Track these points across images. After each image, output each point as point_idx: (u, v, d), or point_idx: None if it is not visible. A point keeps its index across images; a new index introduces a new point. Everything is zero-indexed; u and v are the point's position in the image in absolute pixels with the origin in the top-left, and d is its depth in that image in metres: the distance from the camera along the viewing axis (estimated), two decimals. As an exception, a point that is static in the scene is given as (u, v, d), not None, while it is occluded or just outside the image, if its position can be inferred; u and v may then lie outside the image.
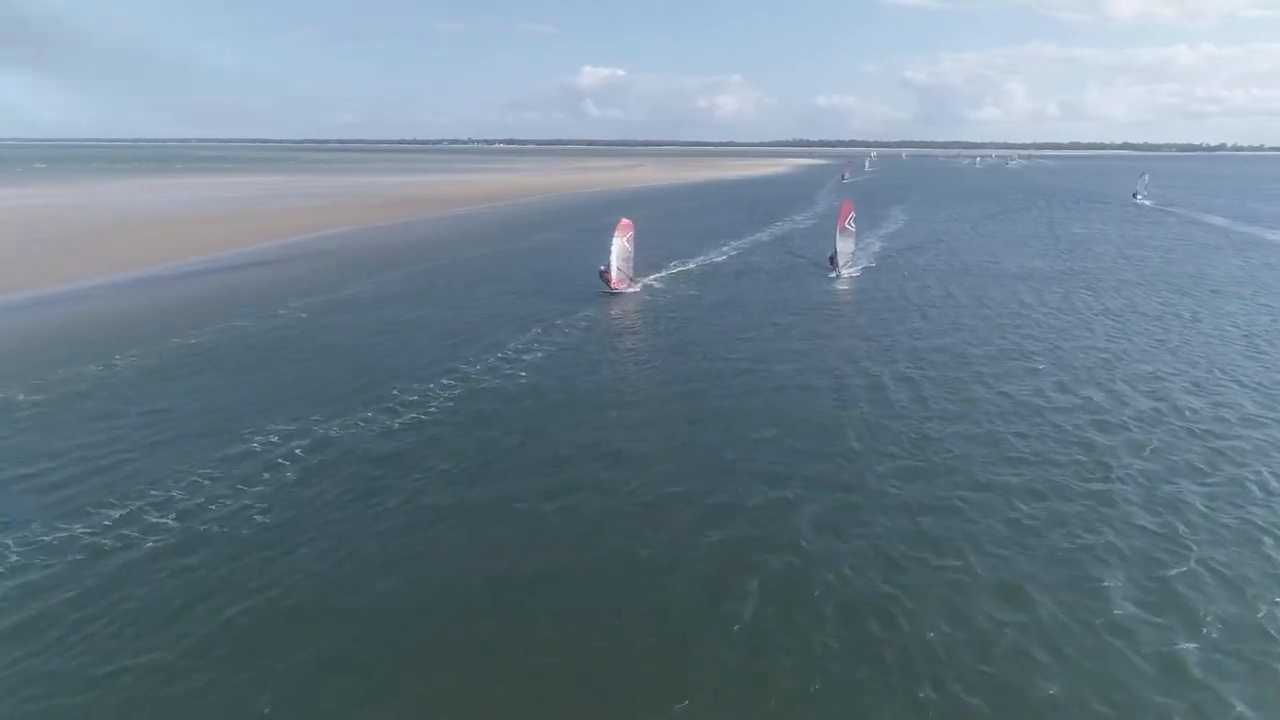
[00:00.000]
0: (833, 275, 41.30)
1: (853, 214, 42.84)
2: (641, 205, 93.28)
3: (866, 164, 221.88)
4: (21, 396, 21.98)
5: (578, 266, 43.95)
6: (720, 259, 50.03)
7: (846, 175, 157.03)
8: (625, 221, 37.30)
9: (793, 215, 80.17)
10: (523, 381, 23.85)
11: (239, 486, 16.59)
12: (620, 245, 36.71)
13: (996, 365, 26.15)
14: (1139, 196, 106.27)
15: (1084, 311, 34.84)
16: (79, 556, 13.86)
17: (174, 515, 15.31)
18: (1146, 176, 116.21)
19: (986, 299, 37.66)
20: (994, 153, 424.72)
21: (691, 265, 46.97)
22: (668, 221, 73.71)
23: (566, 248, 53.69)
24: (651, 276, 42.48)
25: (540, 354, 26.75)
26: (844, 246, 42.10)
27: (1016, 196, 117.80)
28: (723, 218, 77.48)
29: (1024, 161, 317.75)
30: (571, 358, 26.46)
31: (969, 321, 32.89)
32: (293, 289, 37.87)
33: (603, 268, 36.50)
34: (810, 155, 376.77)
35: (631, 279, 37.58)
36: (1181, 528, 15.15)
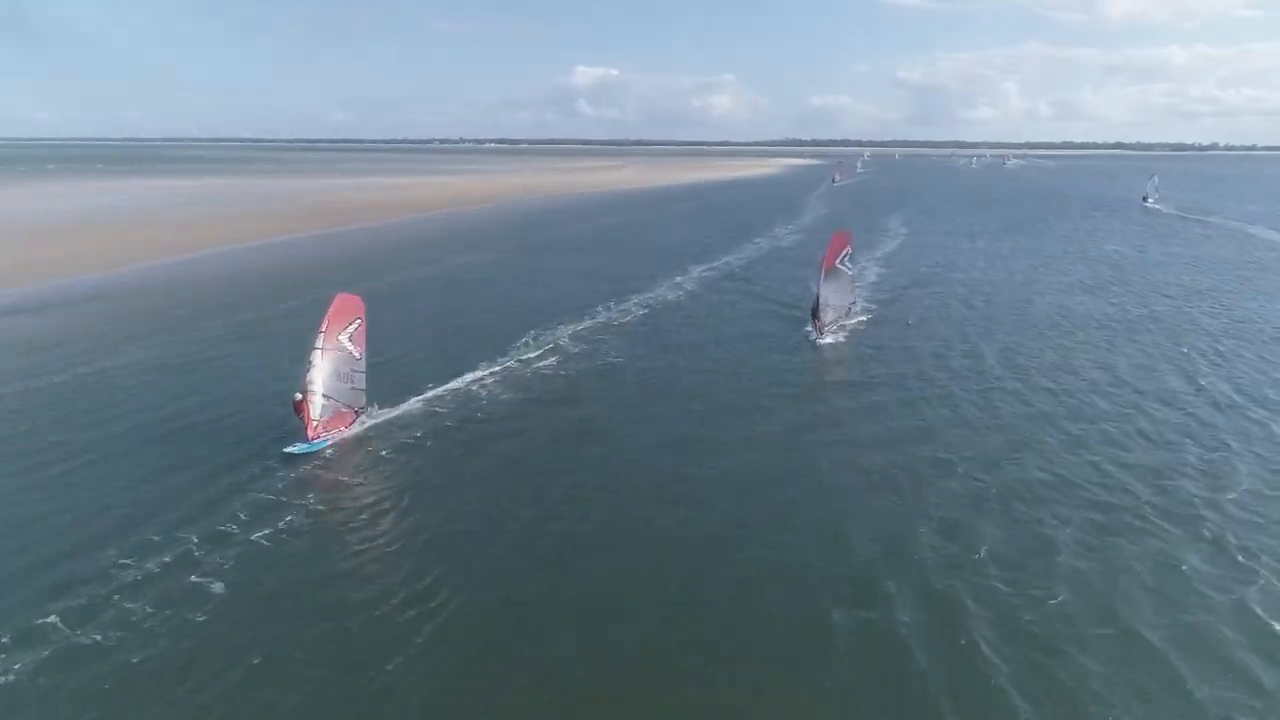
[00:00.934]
0: (812, 335, 28.96)
1: (848, 249, 30.35)
2: (604, 215, 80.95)
3: (859, 165, 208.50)
4: None
5: (412, 344, 31.20)
6: (670, 298, 37.82)
7: (838, 178, 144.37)
8: (346, 301, 20.00)
9: (774, 229, 67.96)
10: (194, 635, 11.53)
11: None
12: (336, 354, 19.40)
13: (1123, 536, 14.10)
14: (1150, 200, 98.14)
15: (1214, 399, 22.67)
16: None
17: None
18: (1156, 179, 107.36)
19: (1047, 368, 25.49)
20: (989, 153, 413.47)
21: (631, 311, 34.77)
22: (625, 237, 61.25)
23: (426, 300, 40.45)
24: (567, 332, 30.37)
25: (258, 543, 14.45)
26: (833, 296, 29.63)
27: (1027, 202, 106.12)
28: (691, 233, 65.20)
29: (1021, 161, 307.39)
30: (290, 559, 14.15)
31: (1037, 419, 20.78)
32: None
33: (298, 396, 18.75)
34: (801, 155, 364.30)
35: (358, 411, 20.22)
36: None
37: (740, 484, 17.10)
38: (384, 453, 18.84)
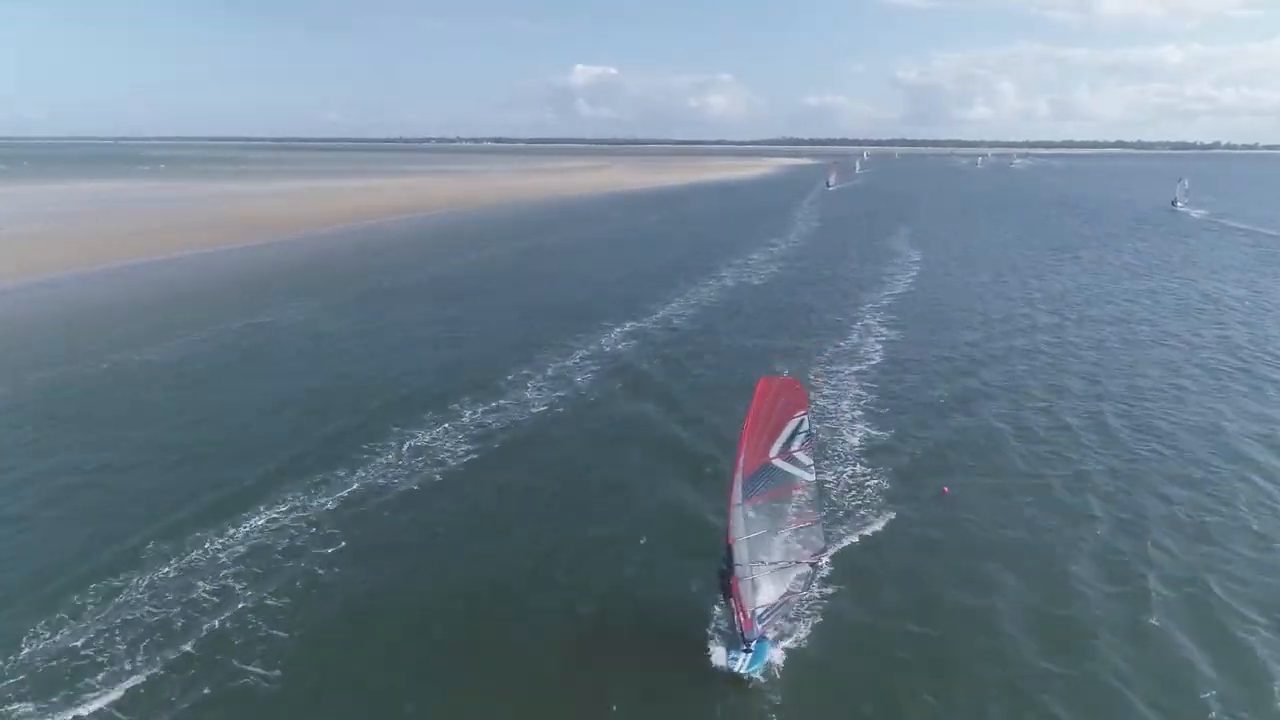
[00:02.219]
0: (726, 663, 11.45)
1: (802, 418, 12.01)
2: (543, 232, 64.44)
3: (858, 165, 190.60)
4: None
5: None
6: (531, 412, 21.96)
7: (833, 180, 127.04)
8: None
9: (748, 253, 51.94)
10: None
11: None
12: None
13: None
14: (1180, 204, 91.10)
15: None
16: None
17: None
18: (1185, 182, 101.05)
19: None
20: (990, 152, 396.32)
21: (442, 450, 18.99)
22: (544, 270, 44.68)
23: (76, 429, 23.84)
24: (263, 524, 14.55)
25: None
26: (770, 544, 12.10)
27: (1053, 212, 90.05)
28: (637, 262, 49.37)
29: (1027, 161, 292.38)
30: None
31: None
32: None
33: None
34: (798, 155, 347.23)
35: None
36: None
37: None
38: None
